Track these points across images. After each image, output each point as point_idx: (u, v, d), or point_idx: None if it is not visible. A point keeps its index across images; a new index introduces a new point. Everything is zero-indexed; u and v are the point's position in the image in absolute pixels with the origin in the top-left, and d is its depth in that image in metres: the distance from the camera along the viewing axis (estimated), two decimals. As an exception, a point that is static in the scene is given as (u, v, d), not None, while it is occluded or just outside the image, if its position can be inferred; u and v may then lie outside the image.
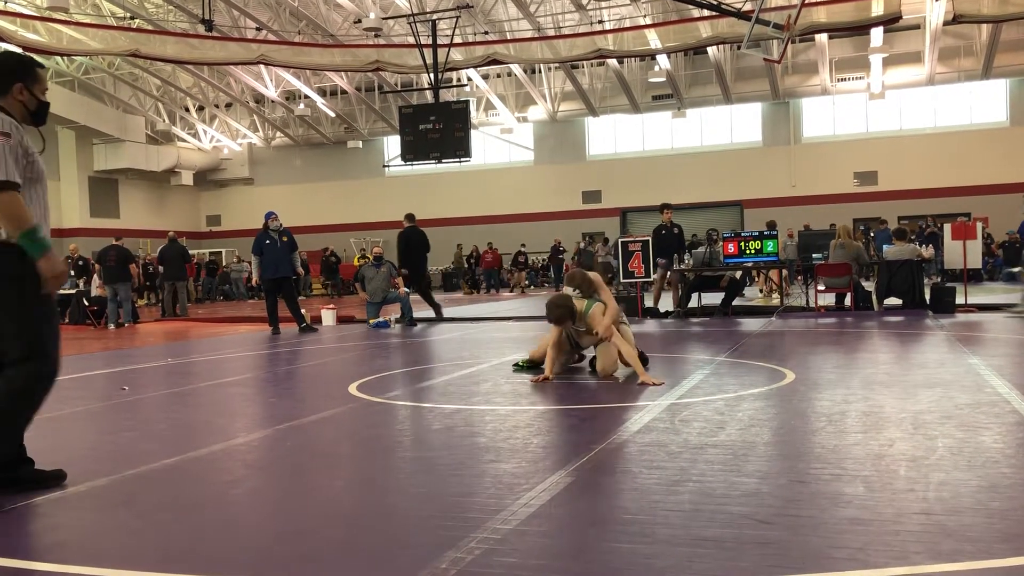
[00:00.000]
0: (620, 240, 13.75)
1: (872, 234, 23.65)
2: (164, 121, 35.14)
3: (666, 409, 5.43)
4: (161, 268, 18.87)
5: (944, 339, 8.92)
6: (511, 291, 28.45)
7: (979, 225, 13.87)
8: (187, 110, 35.33)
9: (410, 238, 14.69)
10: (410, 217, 15.06)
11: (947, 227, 13.82)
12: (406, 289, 14.39)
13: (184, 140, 36.31)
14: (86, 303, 17.27)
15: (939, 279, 17.10)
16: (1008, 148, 28.45)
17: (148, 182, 35.70)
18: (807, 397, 5.63)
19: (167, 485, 3.93)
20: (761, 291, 18.31)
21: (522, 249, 30.18)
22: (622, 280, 13.76)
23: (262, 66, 28.35)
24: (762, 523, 3.02)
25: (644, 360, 6.71)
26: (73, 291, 18.22)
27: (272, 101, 33.49)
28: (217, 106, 35.15)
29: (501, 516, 3.18)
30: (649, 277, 13.19)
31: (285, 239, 12.98)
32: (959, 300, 12.71)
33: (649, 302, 13.95)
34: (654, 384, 6.17)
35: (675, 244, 13.86)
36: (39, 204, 3.60)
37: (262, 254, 12.99)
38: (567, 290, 7.05)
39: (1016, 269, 12.66)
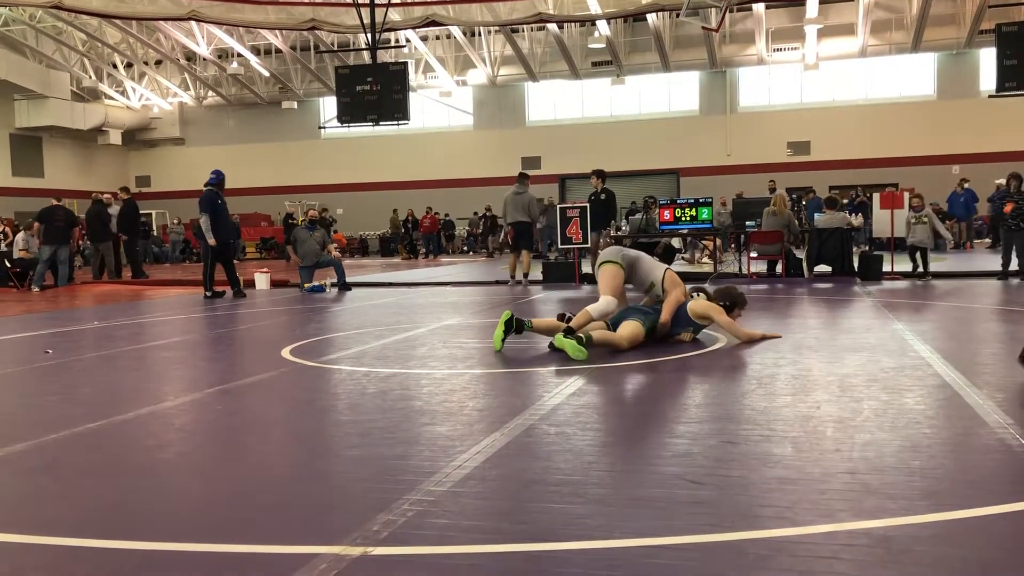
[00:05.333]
0: (559, 206, 13.78)
1: (804, 203, 23.99)
2: (90, 78, 33.84)
3: (600, 372, 5.47)
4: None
5: (871, 305, 9.16)
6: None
7: (906, 195, 14.21)
8: (115, 67, 34.06)
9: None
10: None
11: (876, 196, 14.13)
12: (338, 253, 14.24)
13: (112, 98, 35.04)
14: (8, 264, 16.68)
15: (867, 247, 17.54)
16: (935, 121, 29.20)
17: (74, 140, 34.41)
18: (738, 360, 5.72)
19: (91, 450, 3.82)
20: (701, 254, 18.47)
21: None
22: (560, 245, 13.80)
23: (193, 22, 27.46)
24: (693, 483, 3.06)
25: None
26: (-6, 253, 17.57)
27: (204, 59, 32.47)
28: (146, 63, 33.95)
29: (435, 478, 3.16)
30: (587, 243, 13.25)
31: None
32: (886, 268, 13.06)
33: (587, 267, 14.03)
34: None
35: (603, 210, 13.88)
36: None
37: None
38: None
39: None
